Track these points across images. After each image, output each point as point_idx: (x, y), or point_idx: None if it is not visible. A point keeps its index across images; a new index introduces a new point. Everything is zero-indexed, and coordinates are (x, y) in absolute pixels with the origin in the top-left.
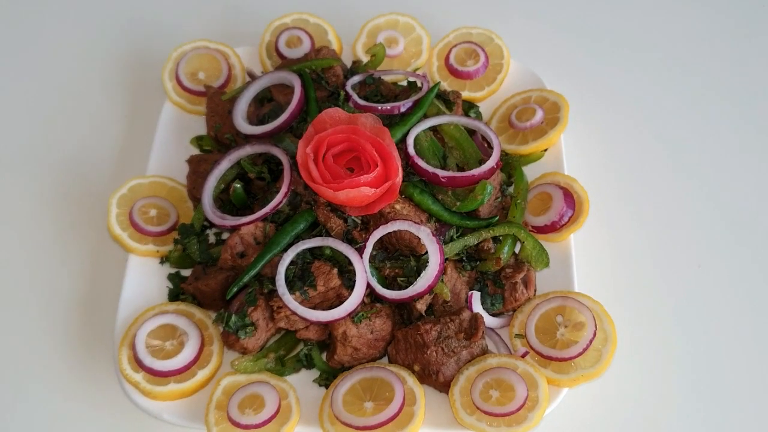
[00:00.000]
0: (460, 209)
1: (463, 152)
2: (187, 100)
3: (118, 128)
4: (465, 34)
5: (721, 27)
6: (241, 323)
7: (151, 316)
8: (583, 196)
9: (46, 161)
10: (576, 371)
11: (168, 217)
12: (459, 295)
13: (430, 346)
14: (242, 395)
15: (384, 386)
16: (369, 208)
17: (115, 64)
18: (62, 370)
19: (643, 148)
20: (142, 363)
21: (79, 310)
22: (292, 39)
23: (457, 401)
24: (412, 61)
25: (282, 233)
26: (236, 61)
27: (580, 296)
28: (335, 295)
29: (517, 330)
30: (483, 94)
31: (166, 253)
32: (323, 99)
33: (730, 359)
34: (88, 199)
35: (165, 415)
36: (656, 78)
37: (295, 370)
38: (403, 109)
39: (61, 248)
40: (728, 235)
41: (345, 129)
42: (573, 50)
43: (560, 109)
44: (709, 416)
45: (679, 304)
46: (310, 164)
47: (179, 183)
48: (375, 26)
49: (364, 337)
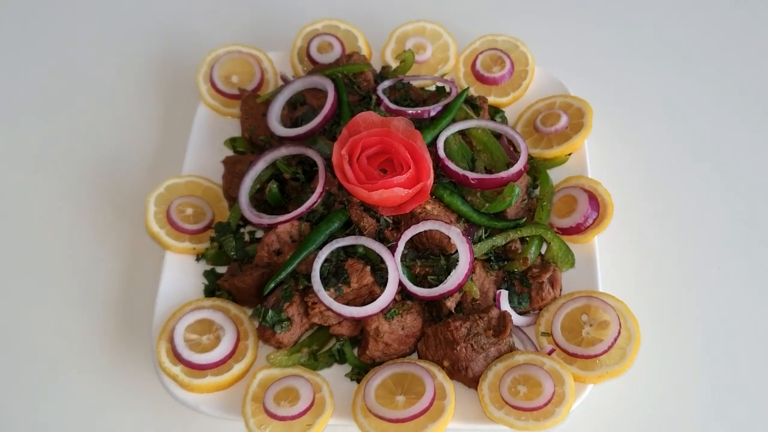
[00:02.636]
0: (488, 210)
1: (490, 155)
2: (220, 103)
3: (154, 130)
4: (491, 41)
5: (747, 28)
6: (277, 318)
7: (188, 311)
8: (607, 199)
9: (85, 161)
10: (601, 368)
11: (204, 215)
12: (487, 293)
13: (460, 343)
14: (278, 388)
15: (415, 381)
16: (401, 209)
17: (151, 69)
18: (102, 364)
19: (666, 152)
20: (181, 356)
21: (117, 305)
22: (324, 44)
23: (486, 396)
24: (440, 67)
25: (317, 232)
26: (269, 66)
27: (605, 296)
28: (368, 292)
29: (544, 328)
30: (508, 99)
31: (203, 251)
32: (355, 103)
33: (751, 359)
34: (126, 198)
35: (202, 407)
36: (679, 82)
37: (328, 365)
38: (433, 113)
39: (100, 246)
40: (749, 238)
41: (379, 132)
42: (596, 57)
43: (584, 115)
44: (730, 415)
45: (700, 305)
46: (345, 165)
47: (214, 183)
48: (403, 33)
49: (395, 333)
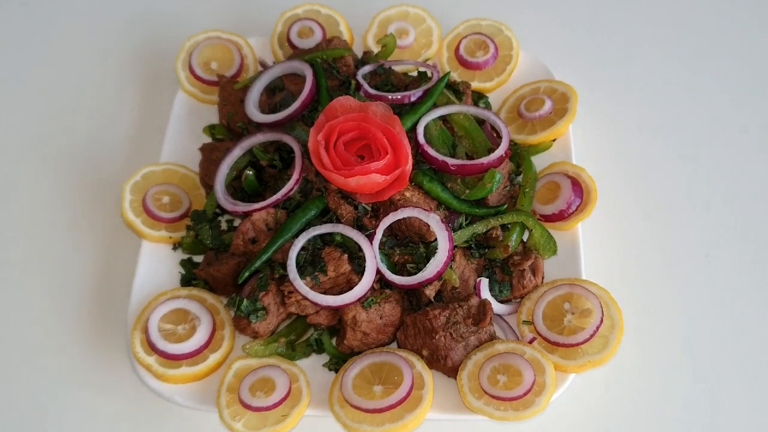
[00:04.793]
0: (469, 197)
1: (472, 141)
2: (199, 90)
3: (132, 117)
4: (475, 26)
5: (731, 19)
6: (252, 308)
7: (163, 301)
8: (590, 185)
9: (60, 149)
10: (583, 357)
11: (180, 203)
12: (467, 281)
13: (439, 332)
14: (253, 378)
15: (393, 371)
16: (379, 195)
17: (129, 54)
18: (75, 353)
19: (650, 139)
20: (155, 346)
21: (92, 294)
22: (304, 30)
23: (465, 385)
24: (423, 52)
25: (293, 219)
26: (248, 51)
27: (587, 283)
28: (345, 281)
29: (525, 316)
30: (492, 84)
31: (179, 239)
32: (334, 88)
33: (736, 347)
34: (101, 186)
35: (177, 397)
36: (664, 69)
37: (305, 355)
38: (414, 98)
39: (75, 234)
40: (735, 225)
41: (356, 117)
42: (581, 41)
43: (569, 100)
44: (714, 403)
45: (685, 292)
46: (321, 151)
47: (191, 170)
48: (386, 17)
49: (373, 322)
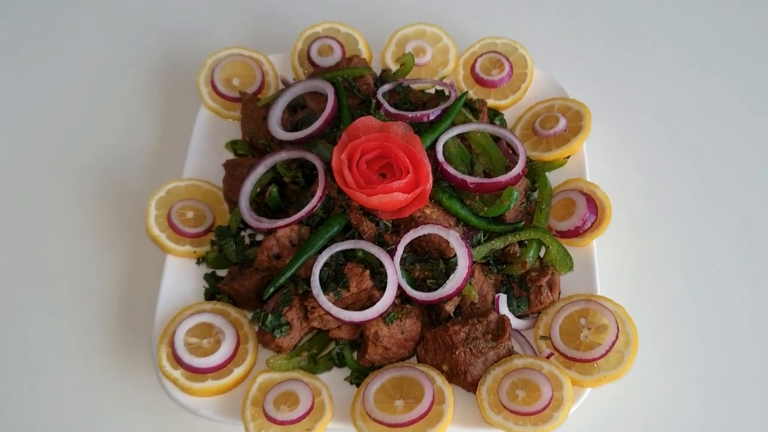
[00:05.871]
0: (487, 214)
1: (489, 159)
2: (221, 106)
3: (155, 133)
4: (490, 44)
5: (747, 35)
6: (276, 322)
7: (188, 315)
8: (605, 202)
9: (86, 164)
10: (599, 372)
11: (204, 219)
12: (486, 297)
13: (459, 347)
14: (277, 392)
15: (414, 385)
16: (400, 213)
17: (153, 71)
18: (102, 367)
19: (663, 156)
20: (181, 360)
21: (118, 309)
22: (324, 48)
23: (485, 400)
24: (439, 70)
25: (316, 236)
26: (269, 69)
27: (603, 299)
28: (367, 296)
29: (542, 332)
30: (507, 102)
31: (203, 254)
32: (355, 107)
33: (750, 362)
34: (126, 201)
35: (202, 410)
36: (678, 86)
37: (327, 369)
38: (432, 117)
39: (100, 249)
40: (748, 241)
41: (378, 137)
42: (595, 59)
43: (583, 118)
44: (729, 419)
45: (699, 308)
46: (345, 170)
47: (215, 186)
48: (403, 36)
49: (394, 337)
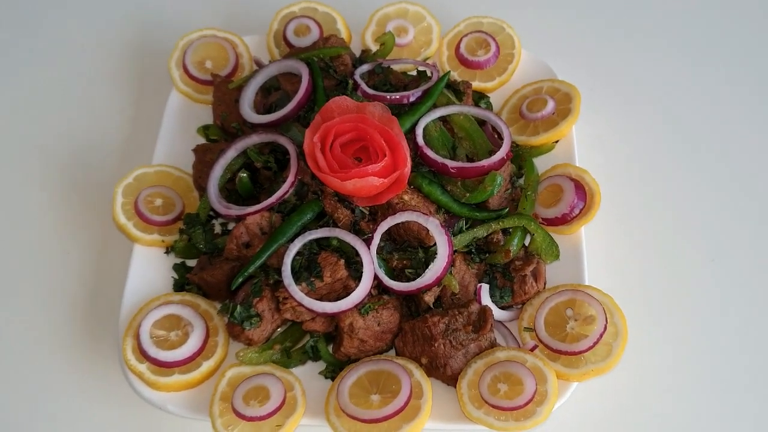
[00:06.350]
0: (469, 200)
1: (472, 143)
2: (193, 89)
3: (124, 117)
4: (476, 24)
5: (738, 16)
6: (246, 314)
7: (155, 306)
8: (594, 189)
9: (52, 150)
10: (586, 365)
11: (174, 206)
12: (467, 287)
13: (438, 339)
14: (247, 387)
15: (391, 379)
16: (377, 199)
17: (122, 53)
18: (66, 360)
19: (655, 140)
20: (147, 353)
21: (83, 299)
22: (301, 28)
23: (465, 395)
24: (422, 51)
25: (288, 223)
26: (244, 50)
27: (591, 289)
28: (342, 287)
29: (526, 323)
30: (494, 84)
31: (172, 243)
32: (331, 88)
33: (743, 354)
34: (93, 188)
35: (169, 406)
36: (670, 69)
37: (301, 362)
38: (413, 98)
39: (66, 237)
40: (742, 229)
41: (353, 118)
42: (585, 40)
43: (572, 100)
44: (721, 412)
45: (690, 298)
46: (317, 153)
47: (185, 172)
48: (384, 15)
49: (371, 329)
